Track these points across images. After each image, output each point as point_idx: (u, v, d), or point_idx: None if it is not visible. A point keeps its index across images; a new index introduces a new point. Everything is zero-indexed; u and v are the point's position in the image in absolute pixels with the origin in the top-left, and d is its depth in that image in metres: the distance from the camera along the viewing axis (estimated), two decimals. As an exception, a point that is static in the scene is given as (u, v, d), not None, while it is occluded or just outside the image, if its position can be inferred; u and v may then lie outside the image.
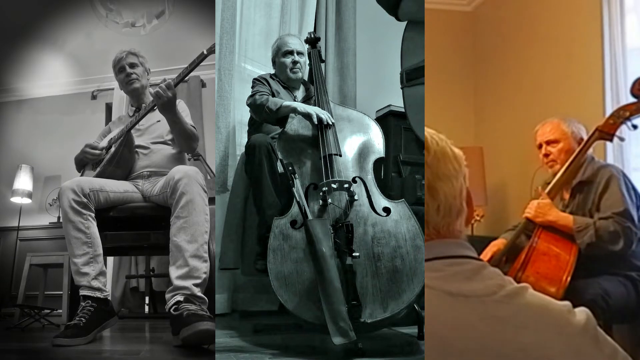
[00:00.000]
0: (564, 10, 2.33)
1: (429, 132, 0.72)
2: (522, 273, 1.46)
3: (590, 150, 1.59)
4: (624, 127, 1.47)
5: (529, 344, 0.57)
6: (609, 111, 2.00)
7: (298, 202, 1.45)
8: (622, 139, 1.51)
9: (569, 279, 1.41)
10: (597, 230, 1.44)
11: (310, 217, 1.41)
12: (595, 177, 1.54)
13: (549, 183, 1.61)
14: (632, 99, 1.46)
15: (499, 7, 2.79)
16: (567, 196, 1.62)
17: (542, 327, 0.58)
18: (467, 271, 0.64)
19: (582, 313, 0.62)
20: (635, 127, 1.46)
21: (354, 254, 1.35)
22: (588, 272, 1.46)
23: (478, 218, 2.49)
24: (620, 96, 2.00)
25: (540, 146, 1.67)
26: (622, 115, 1.46)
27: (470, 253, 0.68)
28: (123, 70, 1.88)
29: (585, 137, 1.63)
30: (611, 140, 1.49)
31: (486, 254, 1.66)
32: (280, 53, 2.04)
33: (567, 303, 0.63)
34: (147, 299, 2.88)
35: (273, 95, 1.90)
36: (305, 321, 1.35)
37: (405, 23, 1.84)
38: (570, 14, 2.30)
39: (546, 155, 1.64)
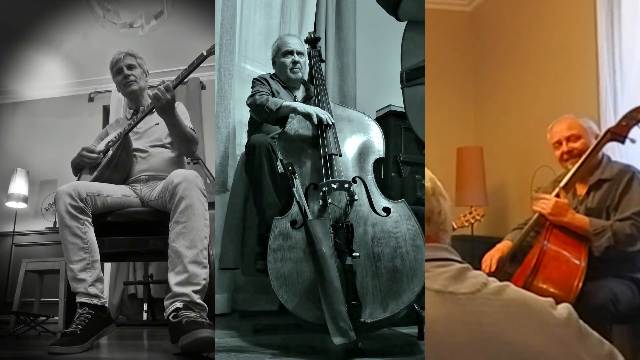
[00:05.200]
0: (563, 10, 2.34)
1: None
2: (533, 279, 1.44)
3: (607, 151, 1.59)
4: (635, 129, 1.47)
5: (514, 338, 0.59)
6: (606, 110, 2.01)
7: (298, 202, 1.44)
8: (633, 141, 1.50)
9: (580, 284, 1.39)
10: (614, 233, 1.43)
11: (310, 217, 1.41)
12: (617, 177, 1.52)
13: (559, 181, 1.60)
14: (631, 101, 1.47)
15: (499, 7, 2.80)
16: (582, 192, 1.61)
17: (525, 321, 0.61)
18: (452, 271, 0.67)
19: (564, 308, 0.64)
20: None
21: (354, 254, 1.35)
22: (595, 274, 1.45)
23: (478, 218, 2.48)
24: (617, 96, 2.01)
25: (559, 143, 1.64)
26: (634, 117, 1.46)
27: (454, 257, 0.71)
28: (121, 71, 1.86)
29: (598, 133, 1.62)
30: (623, 142, 1.48)
31: (486, 260, 1.65)
32: (280, 53, 2.04)
33: (549, 299, 0.65)
34: (145, 306, 2.84)
35: (273, 95, 1.90)
36: (305, 321, 1.34)
37: (405, 23, 1.85)
38: (568, 14, 2.32)
39: (569, 151, 1.61)
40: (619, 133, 1.47)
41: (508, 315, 0.61)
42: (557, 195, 1.53)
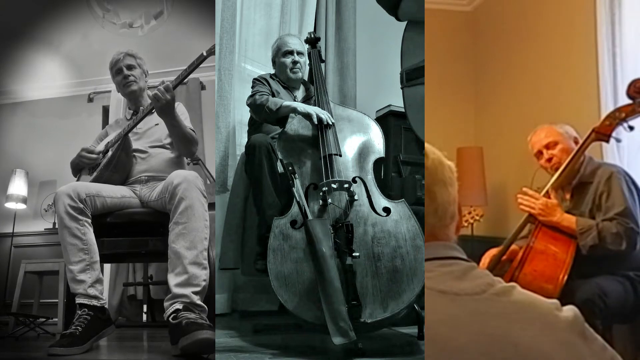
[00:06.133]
0: (563, 10, 2.34)
1: (427, 144, 0.77)
2: (520, 271, 1.47)
3: (588, 151, 1.60)
4: (620, 129, 1.48)
5: (519, 340, 0.58)
6: (606, 111, 2.01)
7: (298, 202, 1.44)
8: (618, 140, 1.52)
9: (565, 277, 1.42)
10: (600, 232, 1.44)
11: (310, 217, 1.41)
12: (596, 178, 1.54)
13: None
14: (628, 100, 1.47)
15: (499, 7, 2.80)
16: (568, 196, 1.63)
17: (530, 323, 0.60)
18: (457, 271, 0.66)
19: (569, 310, 0.63)
20: (631, 128, 1.47)
21: (354, 254, 1.35)
22: (586, 272, 1.47)
23: (477, 218, 2.49)
24: (618, 97, 2.01)
25: (540, 153, 1.66)
26: (618, 117, 1.47)
27: (459, 255, 0.70)
28: (120, 72, 1.86)
29: (576, 136, 1.65)
30: (607, 141, 1.50)
31: (484, 258, 1.66)
32: (280, 53, 2.04)
33: (555, 301, 0.64)
34: (145, 307, 2.83)
35: (273, 95, 1.90)
36: (305, 321, 1.34)
37: (405, 23, 1.85)
38: (568, 14, 2.32)
39: (549, 159, 1.63)
40: (603, 132, 1.49)
41: (513, 317, 0.60)
42: (547, 196, 1.54)
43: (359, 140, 1.70)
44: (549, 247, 1.48)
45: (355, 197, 1.49)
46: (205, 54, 1.58)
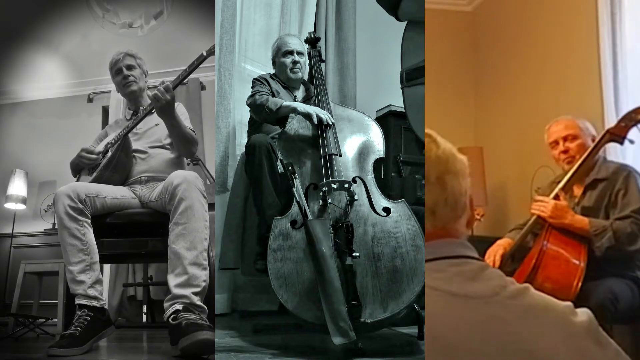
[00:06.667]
0: (563, 10, 2.34)
1: (434, 132, 0.74)
2: (533, 278, 1.44)
3: (601, 151, 1.60)
4: (634, 130, 1.47)
5: (532, 345, 0.57)
6: (607, 111, 2.01)
7: (298, 202, 1.44)
8: (632, 142, 1.50)
9: (580, 284, 1.40)
10: (614, 232, 1.43)
11: (310, 217, 1.41)
12: (612, 176, 1.53)
13: (557, 182, 1.60)
14: None
15: (499, 7, 2.80)
16: (578, 193, 1.61)
17: (544, 327, 0.58)
18: (469, 272, 0.64)
19: (584, 314, 0.62)
20: None
21: (354, 254, 1.35)
22: (595, 274, 1.45)
23: (478, 217, 2.48)
24: (619, 96, 2.01)
25: (555, 143, 1.65)
26: (633, 119, 1.46)
27: (472, 253, 0.68)
28: (120, 72, 1.86)
29: (594, 134, 1.63)
30: (622, 143, 1.49)
31: (490, 255, 1.65)
32: (280, 53, 2.04)
33: (569, 304, 0.62)
34: (144, 308, 2.83)
35: (273, 95, 1.90)
36: (305, 321, 1.34)
37: (405, 23, 1.85)
38: (569, 14, 2.31)
39: (565, 151, 1.62)
40: (617, 134, 1.48)
41: (527, 322, 0.58)
42: (556, 197, 1.53)
43: (359, 140, 1.70)
44: (562, 253, 1.46)
45: (355, 197, 1.49)
46: (205, 54, 1.58)
